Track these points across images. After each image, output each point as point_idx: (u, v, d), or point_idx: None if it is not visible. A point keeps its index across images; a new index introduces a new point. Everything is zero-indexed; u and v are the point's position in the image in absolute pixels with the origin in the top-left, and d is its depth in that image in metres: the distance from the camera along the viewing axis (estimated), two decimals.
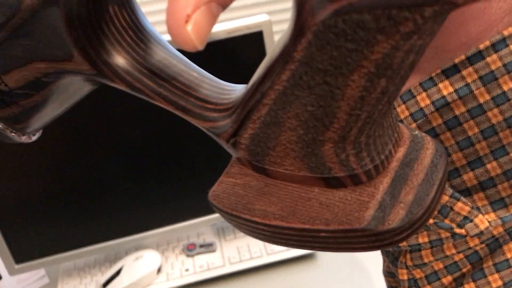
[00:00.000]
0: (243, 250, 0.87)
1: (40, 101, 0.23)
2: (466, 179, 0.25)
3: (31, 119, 0.25)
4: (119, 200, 0.83)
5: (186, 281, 0.84)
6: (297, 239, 0.20)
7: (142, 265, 0.85)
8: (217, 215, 0.86)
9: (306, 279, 0.83)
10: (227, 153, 0.22)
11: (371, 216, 0.18)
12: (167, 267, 0.87)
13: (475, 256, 0.27)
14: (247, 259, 0.86)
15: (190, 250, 0.89)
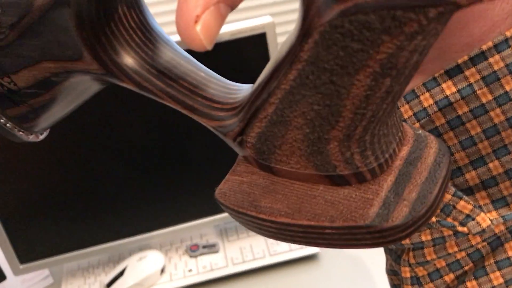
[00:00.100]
0: (246, 251, 0.88)
1: (48, 100, 0.24)
2: (468, 178, 0.26)
3: (39, 118, 0.25)
4: (123, 201, 0.84)
5: (189, 281, 0.84)
6: (303, 235, 0.20)
7: (146, 265, 0.85)
8: (221, 216, 0.86)
9: (309, 280, 0.83)
10: (231, 154, 0.22)
11: (375, 213, 0.18)
12: (170, 268, 0.87)
13: (477, 254, 0.28)
14: (250, 259, 0.86)
15: (193, 250, 0.89)
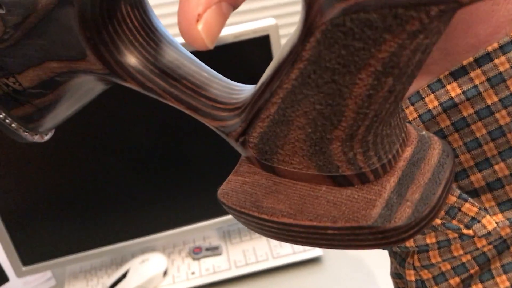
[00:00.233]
0: (249, 254, 0.87)
1: (53, 101, 0.24)
2: (473, 180, 0.25)
3: (44, 119, 0.25)
4: (125, 203, 0.84)
5: (192, 284, 0.84)
6: (305, 236, 0.20)
7: (148, 268, 0.85)
8: (224, 218, 0.86)
9: (312, 283, 0.83)
10: (234, 156, 0.22)
11: (378, 214, 0.18)
12: (173, 270, 0.87)
13: (483, 257, 0.27)
14: (253, 262, 0.86)
15: (196, 253, 0.89)
